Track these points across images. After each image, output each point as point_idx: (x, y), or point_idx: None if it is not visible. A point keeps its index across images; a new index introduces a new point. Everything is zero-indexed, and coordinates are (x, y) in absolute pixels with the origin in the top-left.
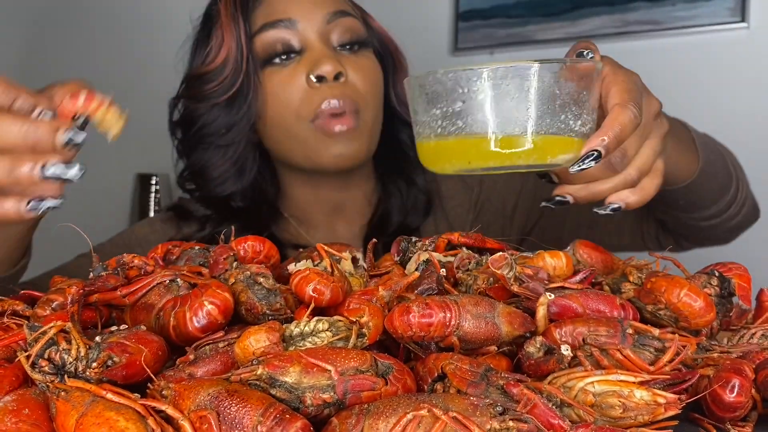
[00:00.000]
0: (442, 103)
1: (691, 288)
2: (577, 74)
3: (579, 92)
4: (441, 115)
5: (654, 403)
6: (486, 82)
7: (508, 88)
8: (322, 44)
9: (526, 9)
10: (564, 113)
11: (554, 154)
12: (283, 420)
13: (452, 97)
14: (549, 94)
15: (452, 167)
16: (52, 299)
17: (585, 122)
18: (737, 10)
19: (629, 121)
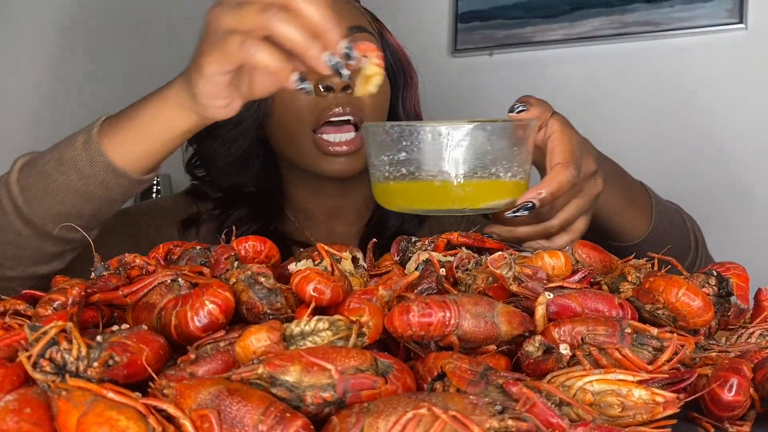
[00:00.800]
0: (389, 152)
1: (690, 287)
2: (509, 132)
3: (509, 149)
4: (387, 161)
5: (652, 402)
6: (426, 137)
7: (445, 143)
8: None
9: (524, 10)
10: (495, 166)
11: (485, 201)
12: (284, 419)
13: (397, 147)
14: (482, 150)
15: (398, 207)
16: (54, 299)
17: (515, 173)
18: (735, 12)
19: (567, 180)
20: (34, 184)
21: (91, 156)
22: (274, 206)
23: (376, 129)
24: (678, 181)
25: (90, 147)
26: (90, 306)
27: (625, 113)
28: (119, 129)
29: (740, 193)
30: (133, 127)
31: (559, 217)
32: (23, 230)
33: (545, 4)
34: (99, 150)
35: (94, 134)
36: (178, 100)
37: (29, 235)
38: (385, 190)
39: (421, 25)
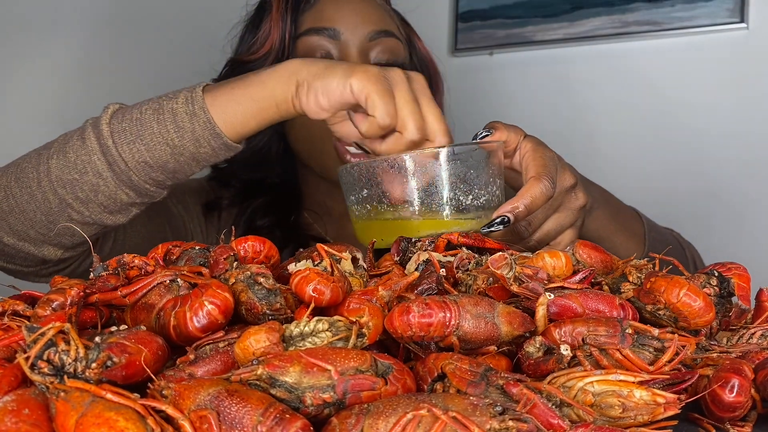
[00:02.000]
0: (354, 191)
1: (691, 288)
2: (465, 158)
3: (466, 172)
4: (355, 201)
5: (653, 403)
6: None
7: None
8: (359, 60)
9: (525, 10)
10: (453, 191)
11: (450, 227)
12: (283, 420)
13: (359, 185)
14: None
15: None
16: (53, 299)
17: (477, 196)
18: (736, 11)
19: (541, 193)
20: (128, 128)
21: (193, 110)
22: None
23: (342, 171)
24: (678, 181)
25: (193, 101)
26: (89, 306)
27: (625, 113)
28: (226, 89)
29: (741, 193)
30: (240, 87)
31: (537, 233)
32: (105, 172)
33: (546, 4)
34: (202, 106)
35: (198, 90)
36: (291, 72)
37: (109, 178)
38: (360, 228)
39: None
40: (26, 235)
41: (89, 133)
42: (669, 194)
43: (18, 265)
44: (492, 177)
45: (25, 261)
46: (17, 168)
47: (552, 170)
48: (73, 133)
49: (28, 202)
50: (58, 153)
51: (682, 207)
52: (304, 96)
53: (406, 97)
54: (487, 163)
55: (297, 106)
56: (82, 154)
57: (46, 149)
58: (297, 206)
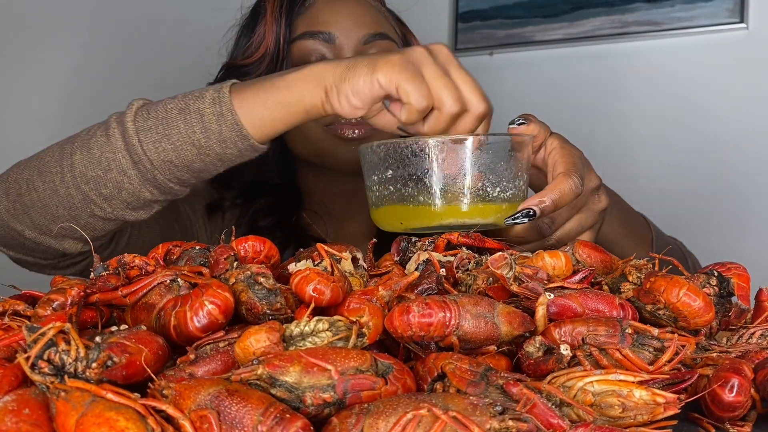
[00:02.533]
0: (378, 172)
1: (690, 288)
2: (495, 146)
3: (495, 163)
4: (377, 181)
5: (653, 403)
6: (407, 153)
7: (428, 158)
8: None
9: (525, 10)
10: (481, 182)
11: (472, 216)
12: (284, 419)
13: (384, 165)
14: (464, 165)
15: (390, 227)
16: (53, 299)
17: (504, 189)
18: (736, 11)
19: (569, 189)
20: (154, 127)
21: (221, 112)
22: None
23: (366, 150)
24: (679, 181)
25: (221, 103)
26: (89, 306)
27: (625, 113)
28: (252, 91)
29: (741, 192)
30: (268, 90)
31: (557, 232)
32: (129, 170)
33: (546, 4)
34: (230, 107)
35: (225, 92)
36: (319, 78)
37: (133, 176)
38: (378, 212)
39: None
40: (48, 229)
41: (114, 129)
42: (669, 194)
43: (37, 258)
44: (520, 171)
45: (45, 254)
46: (39, 162)
47: (581, 168)
48: (98, 127)
49: (51, 197)
50: (82, 148)
51: (680, 207)
52: (336, 101)
53: (435, 73)
54: (516, 155)
55: (329, 110)
56: (107, 150)
57: (69, 143)
58: (298, 207)
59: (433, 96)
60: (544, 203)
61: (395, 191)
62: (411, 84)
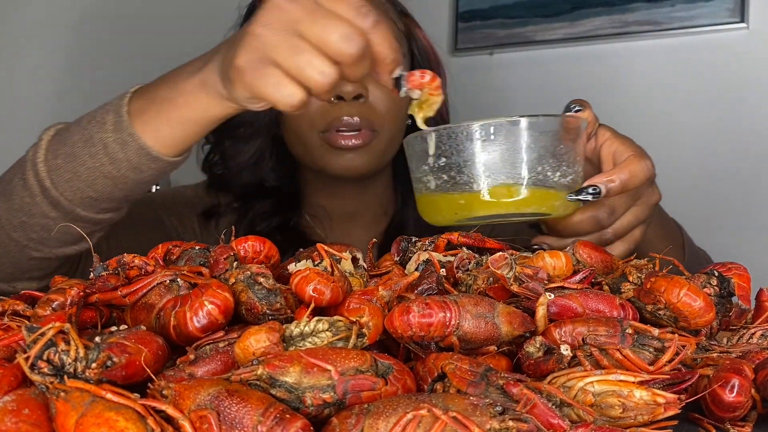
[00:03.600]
0: (429, 160)
1: (691, 288)
2: (554, 130)
3: (556, 146)
4: (429, 170)
5: (653, 403)
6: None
7: (484, 143)
8: None
9: (525, 9)
10: (541, 165)
11: (533, 204)
12: (284, 420)
13: (437, 153)
14: (524, 148)
15: (443, 219)
16: (53, 299)
17: (564, 174)
18: (737, 11)
19: (641, 171)
20: (63, 165)
21: (123, 139)
22: (294, 201)
23: (414, 139)
24: (679, 180)
25: (121, 129)
26: (89, 306)
27: (625, 113)
28: (154, 112)
29: (741, 192)
30: (168, 110)
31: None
32: (51, 212)
33: (546, 3)
34: (131, 133)
35: (125, 115)
36: (216, 89)
37: (57, 217)
38: (428, 202)
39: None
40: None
41: (29, 172)
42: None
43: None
44: (578, 156)
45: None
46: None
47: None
48: (16, 170)
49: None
50: (3, 196)
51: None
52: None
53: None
54: (576, 140)
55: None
56: (25, 196)
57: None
58: (297, 209)
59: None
60: (613, 182)
61: (449, 180)
62: (268, 89)
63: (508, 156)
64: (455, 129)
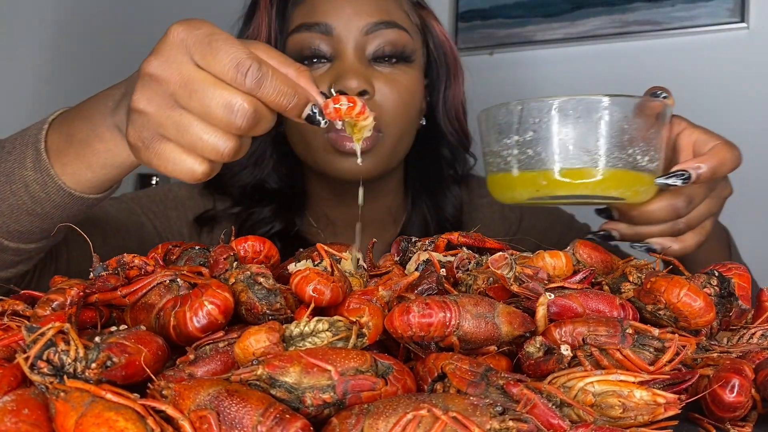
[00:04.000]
0: (513, 134)
1: (691, 288)
2: (647, 112)
3: (647, 129)
4: (512, 144)
5: (654, 403)
6: (555, 113)
7: (577, 120)
8: (355, 56)
9: (525, 9)
10: (632, 148)
11: (619, 187)
12: (283, 420)
13: (523, 127)
14: (617, 128)
15: (521, 196)
16: (53, 299)
17: (653, 159)
18: (737, 11)
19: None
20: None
21: (44, 180)
22: (297, 206)
23: (498, 111)
24: None
25: (40, 169)
26: (88, 306)
27: None
28: (72, 155)
29: (741, 192)
30: (87, 155)
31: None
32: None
33: (546, 3)
34: (50, 174)
35: (43, 153)
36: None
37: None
38: (507, 178)
39: None
40: None
41: None
42: None
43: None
44: (664, 142)
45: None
46: None
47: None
48: None
49: None
50: None
51: None
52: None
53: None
54: (663, 126)
55: None
56: None
57: None
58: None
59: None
60: (701, 169)
61: (534, 155)
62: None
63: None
64: (547, 103)
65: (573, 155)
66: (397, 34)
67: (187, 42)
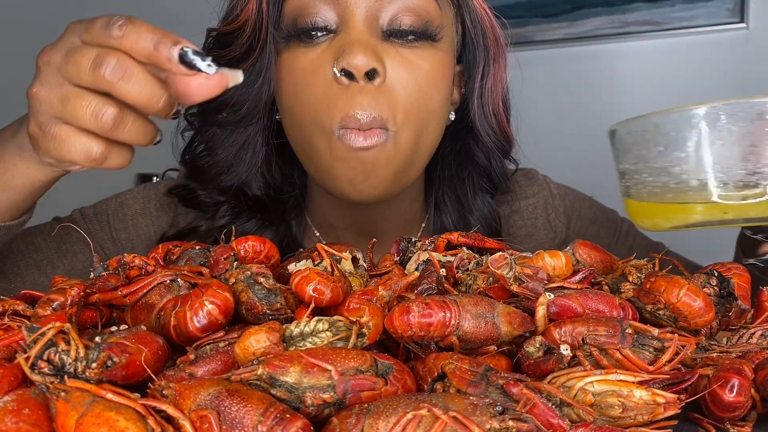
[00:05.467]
0: (652, 152)
1: (691, 288)
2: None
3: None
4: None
5: (653, 403)
6: (702, 124)
7: (727, 130)
8: (364, 25)
9: (525, 9)
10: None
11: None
12: (284, 419)
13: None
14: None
15: (669, 223)
16: (53, 299)
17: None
18: (736, 11)
19: None
20: None
21: None
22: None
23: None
24: None
25: None
26: (89, 306)
27: (625, 112)
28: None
29: None
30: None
31: None
32: None
33: (546, 4)
34: None
35: None
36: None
37: None
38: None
39: None
40: None
41: None
42: None
43: None
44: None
45: None
46: None
47: None
48: None
49: None
50: None
51: None
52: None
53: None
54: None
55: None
56: None
57: None
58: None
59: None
60: None
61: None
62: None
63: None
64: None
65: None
66: (419, 3)
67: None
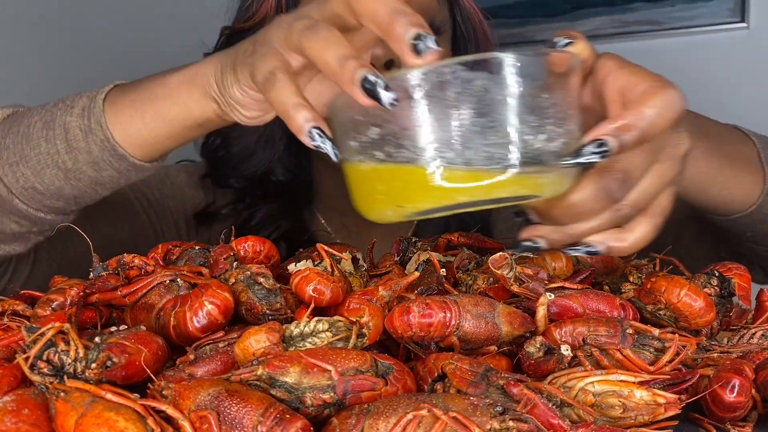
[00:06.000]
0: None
1: (691, 288)
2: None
3: (535, 96)
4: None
5: (654, 403)
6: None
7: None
8: None
9: (525, 9)
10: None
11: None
12: (284, 420)
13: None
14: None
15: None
16: (52, 299)
17: (552, 136)
18: (737, 11)
19: (667, 107)
20: (12, 146)
21: (90, 127)
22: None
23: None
24: None
25: (90, 115)
26: (88, 306)
27: None
28: (128, 102)
29: None
30: (145, 103)
31: (634, 191)
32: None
33: (546, 3)
34: (100, 120)
35: (98, 100)
36: (203, 83)
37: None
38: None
39: None
40: None
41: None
42: None
43: None
44: (570, 108)
45: None
46: None
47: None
48: None
49: None
50: None
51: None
52: (231, 114)
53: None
54: (565, 86)
55: (230, 121)
56: None
57: None
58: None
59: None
60: (627, 130)
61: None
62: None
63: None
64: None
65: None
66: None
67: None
